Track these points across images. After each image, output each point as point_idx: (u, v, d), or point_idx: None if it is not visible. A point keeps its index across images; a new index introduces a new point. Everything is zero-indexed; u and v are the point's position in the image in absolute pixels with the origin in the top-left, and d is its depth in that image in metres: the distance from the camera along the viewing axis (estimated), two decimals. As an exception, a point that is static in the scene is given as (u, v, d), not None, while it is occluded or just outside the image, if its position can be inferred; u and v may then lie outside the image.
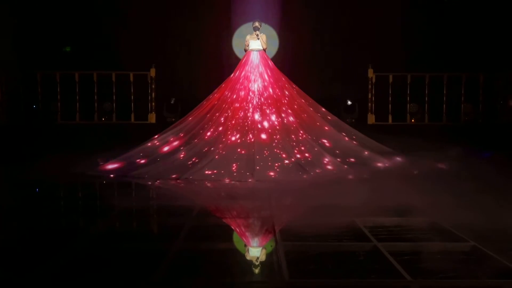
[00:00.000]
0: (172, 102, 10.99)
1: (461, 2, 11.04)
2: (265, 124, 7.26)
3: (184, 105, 10.35)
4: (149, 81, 10.02)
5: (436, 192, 5.16)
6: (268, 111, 7.38)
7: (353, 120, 10.30)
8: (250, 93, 7.53)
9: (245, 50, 7.82)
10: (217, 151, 6.84)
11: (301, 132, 7.21)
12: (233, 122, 7.27)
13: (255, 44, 7.68)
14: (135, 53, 10.42)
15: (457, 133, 9.27)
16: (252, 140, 6.97)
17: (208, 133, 7.19)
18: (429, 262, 3.24)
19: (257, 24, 7.70)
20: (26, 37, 10.81)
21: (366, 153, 7.08)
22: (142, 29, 10.75)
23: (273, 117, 7.35)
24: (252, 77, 7.63)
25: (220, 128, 7.24)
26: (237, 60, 9.20)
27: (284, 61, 10.35)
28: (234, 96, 7.53)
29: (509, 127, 9.45)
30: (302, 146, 6.98)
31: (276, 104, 7.49)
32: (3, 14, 10.50)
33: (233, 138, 7.05)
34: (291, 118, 7.41)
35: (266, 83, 7.61)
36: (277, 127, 7.22)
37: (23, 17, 10.83)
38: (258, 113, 7.33)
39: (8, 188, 6.17)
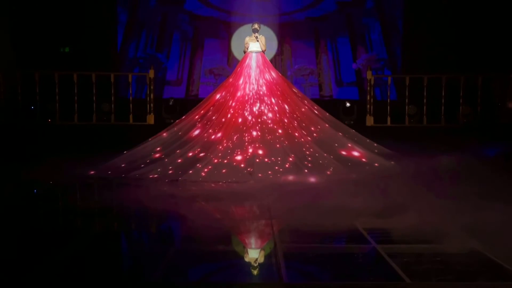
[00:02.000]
0: (170, 103, 10.98)
1: (460, 3, 11.06)
2: (264, 125, 7.24)
3: (182, 106, 10.37)
4: (148, 82, 10.00)
5: (435, 194, 5.15)
6: (266, 111, 7.36)
7: (352, 122, 10.30)
8: (248, 96, 7.50)
9: (244, 52, 7.79)
10: (216, 152, 6.82)
11: (302, 135, 7.18)
12: (231, 124, 7.25)
13: (254, 46, 7.66)
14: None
15: (455, 135, 9.27)
16: (251, 142, 6.96)
17: (205, 135, 7.17)
18: (428, 265, 3.23)
19: (256, 26, 7.69)
20: (24, 36, 10.80)
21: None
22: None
23: (270, 115, 7.33)
24: (251, 79, 7.60)
25: (218, 132, 7.21)
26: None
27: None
28: (233, 95, 7.51)
29: (507, 128, 9.46)
30: (300, 150, 6.96)
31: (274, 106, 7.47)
32: (2, 13, 10.49)
33: (231, 141, 7.02)
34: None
35: (264, 85, 7.58)
36: (275, 128, 7.20)
37: (21, 16, 10.82)
38: (256, 114, 7.32)
39: (4, 189, 6.15)
